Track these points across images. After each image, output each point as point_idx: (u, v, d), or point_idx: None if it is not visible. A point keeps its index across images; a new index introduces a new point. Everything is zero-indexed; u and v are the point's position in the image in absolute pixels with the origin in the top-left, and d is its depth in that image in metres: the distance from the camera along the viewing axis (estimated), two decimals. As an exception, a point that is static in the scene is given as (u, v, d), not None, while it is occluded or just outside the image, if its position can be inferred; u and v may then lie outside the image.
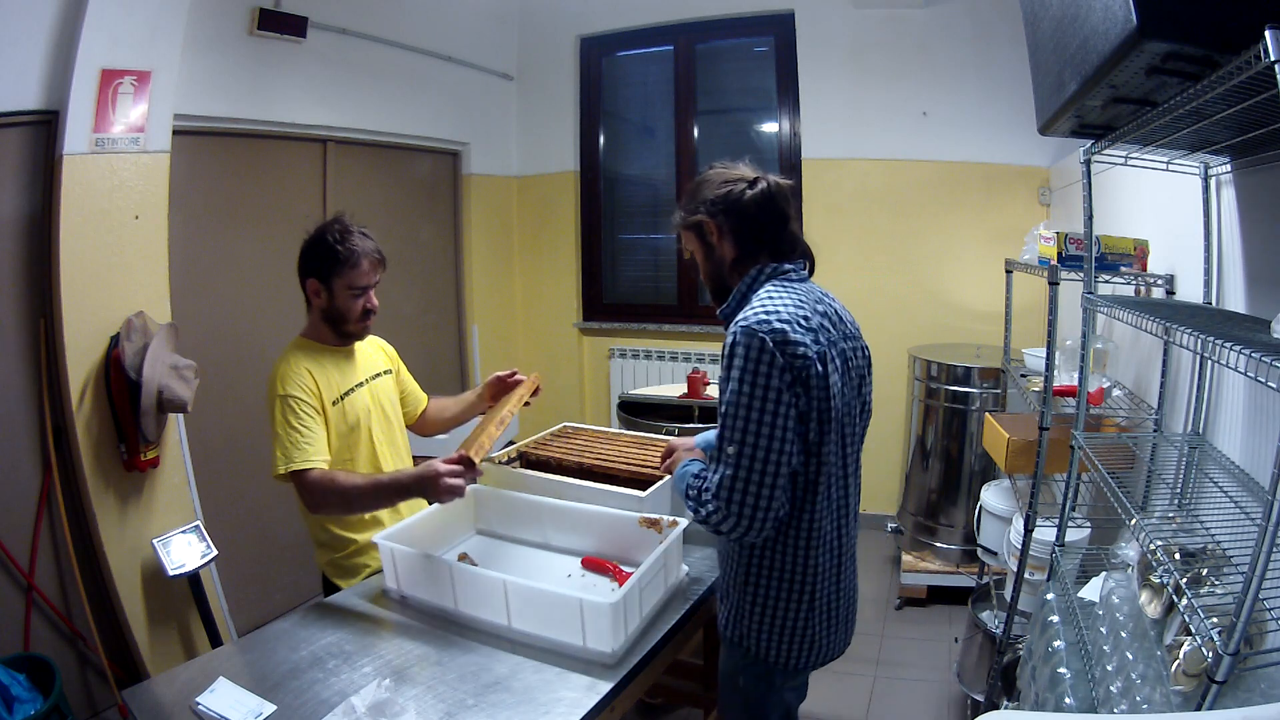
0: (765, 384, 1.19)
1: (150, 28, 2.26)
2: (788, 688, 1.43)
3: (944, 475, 3.16)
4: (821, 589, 1.35)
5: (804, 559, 1.32)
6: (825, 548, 1.34)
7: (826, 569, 1.35)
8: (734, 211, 1.34)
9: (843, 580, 1.40)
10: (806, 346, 1.21)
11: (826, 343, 1.26)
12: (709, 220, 1.36)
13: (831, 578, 1.37)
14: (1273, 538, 0.88)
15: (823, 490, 1.30)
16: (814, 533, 1.31)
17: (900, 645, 2.87)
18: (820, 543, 1.32)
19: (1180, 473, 1.59)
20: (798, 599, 1.34)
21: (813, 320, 1.26)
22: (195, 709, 1.26)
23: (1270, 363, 0.89)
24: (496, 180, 4.34)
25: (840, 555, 1.38)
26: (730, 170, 1.38)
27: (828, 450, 1.28)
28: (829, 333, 1.29)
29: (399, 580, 1.64)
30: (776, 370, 1.19)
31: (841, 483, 1.36)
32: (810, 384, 1.21)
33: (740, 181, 1.34)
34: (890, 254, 3.76)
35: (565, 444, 2.18)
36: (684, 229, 1.41)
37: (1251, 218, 1.52)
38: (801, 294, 1.31)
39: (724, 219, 1.35)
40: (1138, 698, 1.21)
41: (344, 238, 1.74)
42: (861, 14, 3.63)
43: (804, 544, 1.32)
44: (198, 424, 2.59)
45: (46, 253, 2.17)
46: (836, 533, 1.36)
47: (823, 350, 1.24)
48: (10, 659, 1.99)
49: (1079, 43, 1.26)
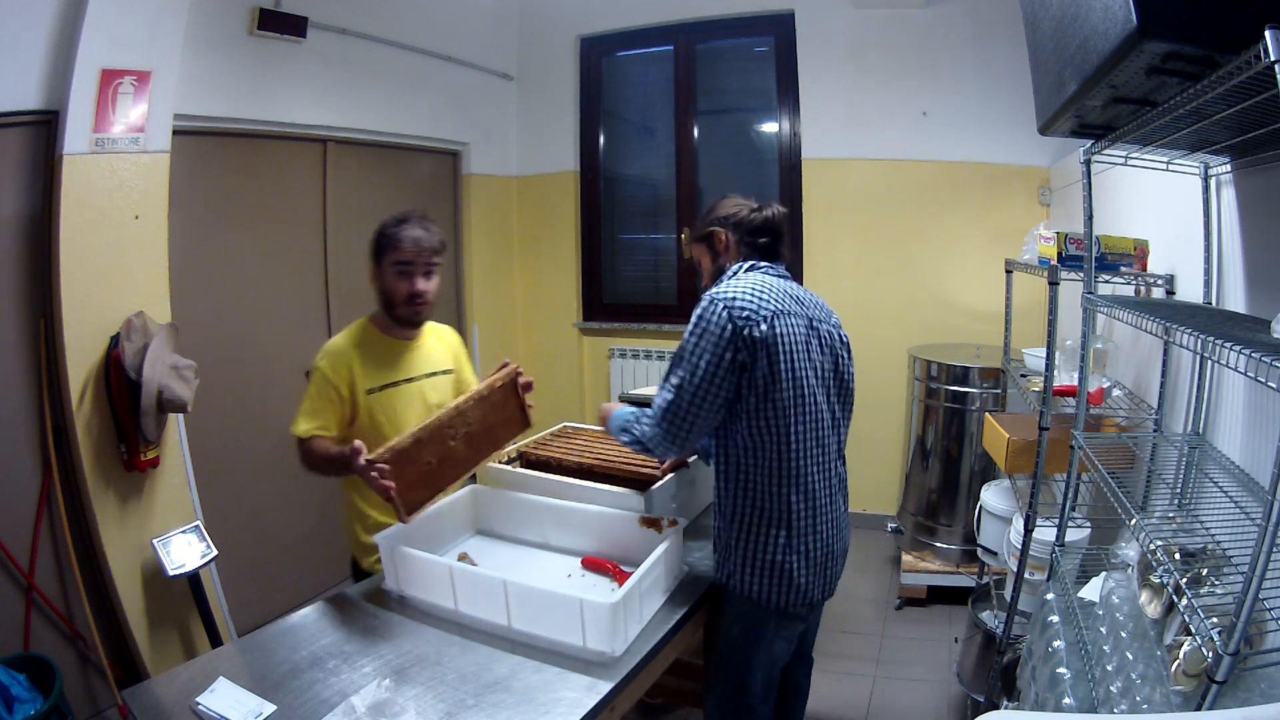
0: (713, 335, 1.48)
1: (150, 28, 2.26)
2: (778, 636, 1.63)
3: (944, 475, 3.16)
4: (797, 527, 1.54)
5: (780, 496, 1.54)
6: (802, 491, 1.54)
7: (803, 511, 1.55)
8: (741, 227, 1.67)
9: (820, 526, 1.57)
10: (754, 311, 1.49)
11: (782, 310, 1.52)
12: (720, 230, 1.69)
13: (808, 520, 1.56)
14: (1273, 538, 0.88)
15: (797, 436, 1.52)
16: (791, 474, 1.53)
17: (900, 645, 2.87)
18: (797, 485, 1.54)
19: (1180, 473, 1.59)
20: (774, 534, 1.55)
21: (769, 294, 1.53)
22: (195, 709, 1.26)
23: (1270, 363, 0.89)
24: (496, 180, 4.34)
25: (817, 502, 1.56)
26: (740, 199, 1.73)
27: (795, 396, 1.51)
28: (791, 305, 1.55)
29: (399, 580, 1.64)
30: (720, 325, 1.48)
31: (821, 437, 1.56)
32: (755, 338, 1.47)
33: (747, 207, 1.69)
34: (890, 254, 3.75)
35: (565, 444, 2.18)
36: (696, 241, 1.74)
37: (1251, 218, 1.52)
38: (768, 280, 1.58)
39: (732, 231, 1.68)
40: (1138, 698, 1.21)
41: (398, 222, 1.85)
42: (861, 14, 3.63)
43: (780, 483, 1.53)
44: (198, 424, 2.59)
45: (46, 253, 2.17)
46: (820, 480, 1.57)
47: (772, 312, 1.50)
48: (10, 659, 1.99)
49: (1079, 43, 1.26)
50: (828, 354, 1.61)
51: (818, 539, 1.58)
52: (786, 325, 1.51)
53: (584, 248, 4.40)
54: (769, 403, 1.50)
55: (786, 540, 1.55)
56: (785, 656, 1.69)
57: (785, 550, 1.55)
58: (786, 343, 1.50)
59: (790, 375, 1.50)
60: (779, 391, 1.50)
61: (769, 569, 1.56)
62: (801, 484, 1.54)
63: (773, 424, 1.52)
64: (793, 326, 1.53)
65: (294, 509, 3.21)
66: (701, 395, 1.50)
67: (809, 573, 1.57)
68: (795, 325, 1.53)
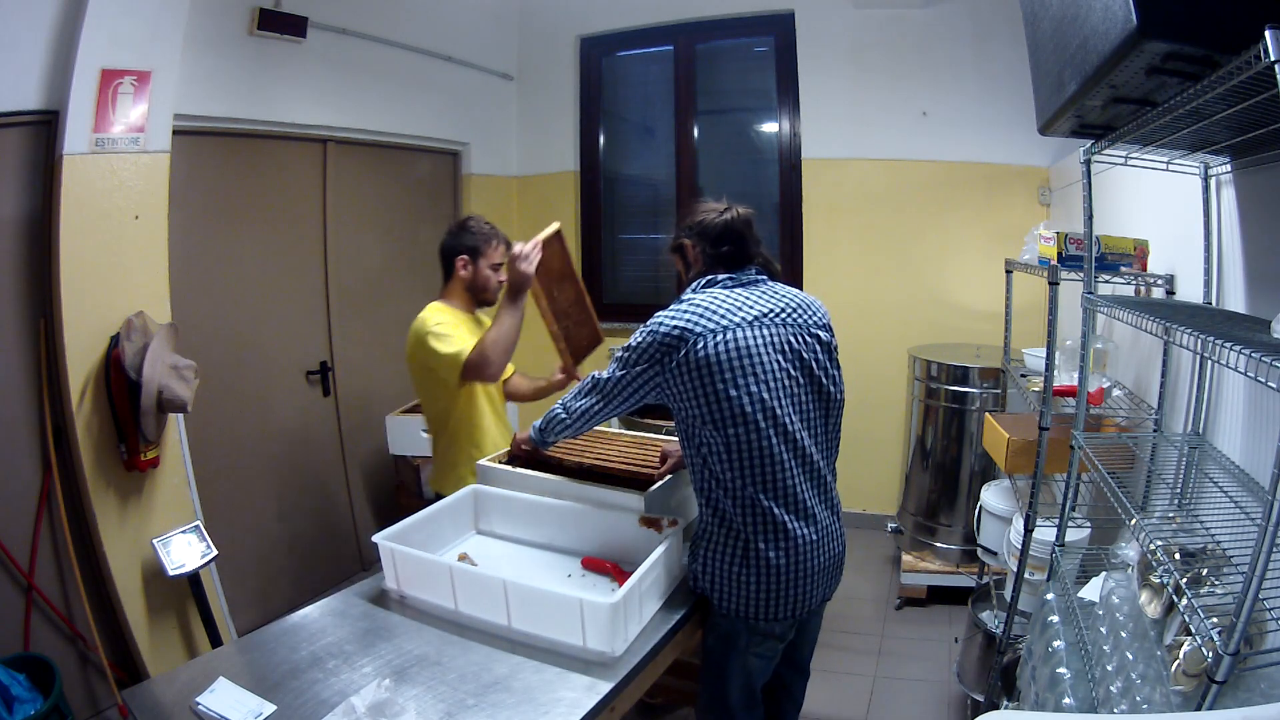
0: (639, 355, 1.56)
1: (150, 28, 2.26)
2: (751, 651, 1.59)
3: (944, 475, 3.16)
4: (754, 546, 1.51)
5: (735, 515, 1.52)
6: (756, 511, 1.51)
7: (760, 531, 1.51)
8: (705, 235, 1.66)
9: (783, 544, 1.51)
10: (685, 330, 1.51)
11: (724, 326, 1.51)
12: (687, 241, 1.69)
13: (768, 540, 1.51)
14: (1273, 538, 0.88)
15: (748, 455, 1.49)
16: (744, 492, 1.51)
17: (900, 645, 2.87)
18: (750, 504, 1.51)
19: (1180, 473, 1.59)
20: (731, 551, 1.54)
21: (710, 313, 1.53)
22: (195, 709, 1.26)
23: (1270, 363, 0.89)
24: (496, 180, 4.34)
25: (783, 523, 1.51)
26: (711, 203, 1.71)
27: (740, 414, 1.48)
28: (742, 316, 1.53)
29: (399, 580, 1.64)
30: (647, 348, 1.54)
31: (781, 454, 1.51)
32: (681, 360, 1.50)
33: (714, 211, 1.67)
34: (890, 254, 3.75)
35: (565, 444, 2.18)
36: (672, 251, 1.76)
37: (1251, 218, 1.52)
38: (717, 297, 1.57)
39: (697, 241, 1.68)
40: (1138, 698, 1.21)
41: (489, 226, 2.26)
42: (861, 14, 3.63)
43: (734, 502, 1.52)
44: (198, 424, 2.59)
45: (46, 253, 2.17)
46: (782, 498, 1.51)
47: (709, 328, 1.50)
48: (10, 659, 1.99)
49: (1079, 43, 1.26)
50: (795, 361, 1.55)
51: (784, 557, 1.51)
52: (727, 342, 1.49)
53: (584, 248, 4.40)
54: (703, 421, 1.50)
55: (744, 554, 1.52)
56: (763, 673, 1.65)
57: (743, 564, 1.53)
58: (712, 363, 1.48)
59: (721, 393, 1.48)
60: (711, 411, 1.49)
61: (730, 581, 1.54)
62: (756, 503, 1.50)
63: (712, 441, 1.51)
64: (739, 340, 1.50)
65: (294, 509, 3.21)
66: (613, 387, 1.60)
67: (774, 589, 1.52)
68: (743, 338, 1.50)
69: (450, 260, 2.23)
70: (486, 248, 2.21)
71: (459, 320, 2.17)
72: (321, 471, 3.37)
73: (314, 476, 3.34)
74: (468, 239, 2.21)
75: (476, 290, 2.24)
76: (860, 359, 3.15)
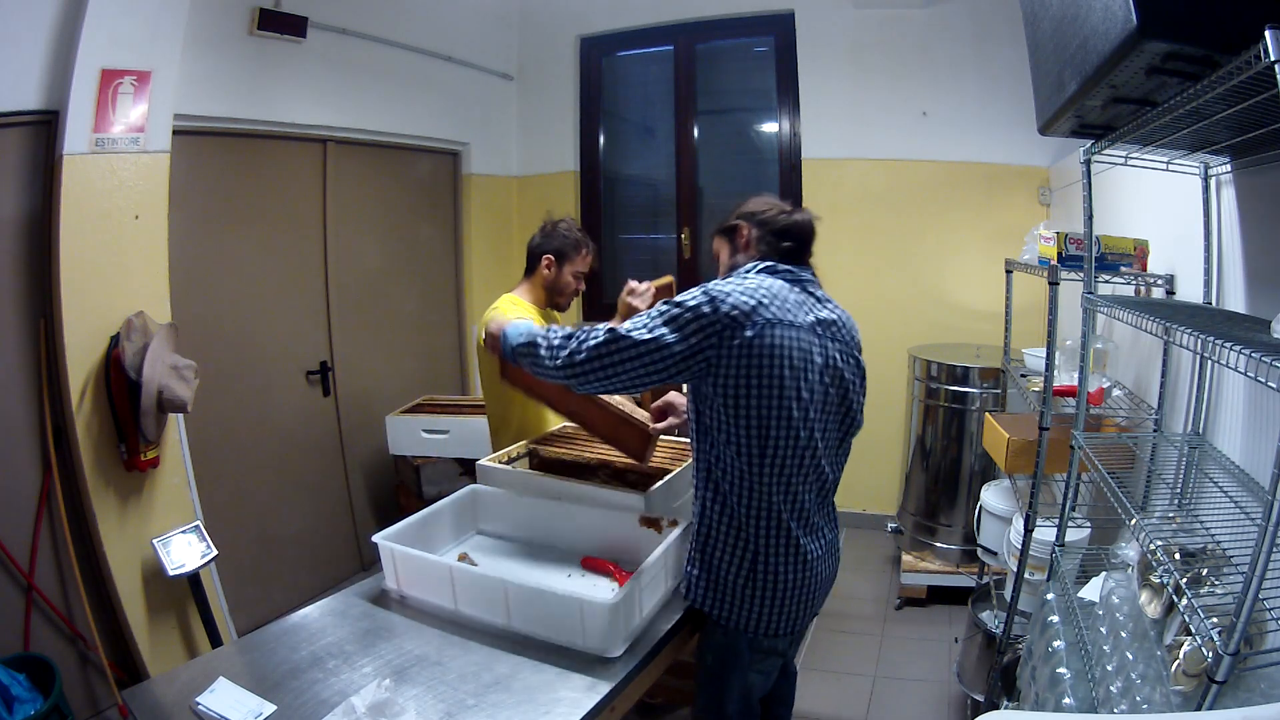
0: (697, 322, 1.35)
1: (150, 28, 2.26)
2: (753, 668, 1.52)
3: (944, 475, 3.16)
4: (764, 560, 1.43)
5: (746, 525, 1.43)
6: (771, 522, 1.42)
7: (774, 544, 1.43)
8: (766, 226, 1.56)
9: (793, 560, 1.44)
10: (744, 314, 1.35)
11: (781, 320, 1.37)
12: (744, 225, 1.57)
13: (780, 554, 1.43)
14: (1273, 538, 0.88)
15: (776, 461, 1.38)
16: (760, 503, 1.41)
17: (900, 645, 2.87)
18: (766, 515, 1.41)
19: (1180, 473, 1.59)
20: (738, 564, 1.45)
21: (771, 300, 1.38)
22: (195, 709, 1.26)
23: (1270, 363, 0.89)
24: (496, 180, 4.34)
25: (795, 537, 1.43)
26: (774, 200, 1.64)
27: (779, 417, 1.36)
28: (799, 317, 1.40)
29: (399, 580, 1.64)
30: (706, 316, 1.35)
31: (806, 468, 1.41)
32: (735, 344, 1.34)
33: (777, 208, 1.59)
34: (890, 254, 3.75)
35: (566, 444, 2.18)
36: (719, 234, 1.64)
37: (1251, 218, 1.52)
38: (775, 285, 1.43)
39: (756, 228, 1.57)
40: (1138, 698, 1.21)
41: (581, 233, 2.29)
42: (861, 14, 3.63)
43: (748, 511, 1.42)
44: (198, 424, 2.59)
45: (46, 253, 2.17)
46: (796, 513, 1.43)
47: (766, 320, 1.35)
48: (10, 659, 1.99)
49: (1079, 43, 1.26)
50: (836, 379, 1.45)
51: (791, 572, 1.44)
52: (782, 337, 1.36)
53: (584, 248, 4.41)
54: (745, 417, 1.37)
55: (751, 567, 1.44)
56: (763, 688, 1.59)
57: (749, 578, 1.44)
58: (777, 356, 1.35)
59: (775, 393, 1.35)
60: (757, 408, 1.36)
61: (731, 595, 1.46)
62: (777, 509, 1.42)
63: (746, 442, 1.38)
64: (791, 340, 1.37)
65: (294, 509, 3.21)
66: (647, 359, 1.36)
67: (778, 606, 1.45)
68: (795, 339, 1.37)
69: (537, 258, 2.27)
70: (574, 254, 2.26)
71: (530, 315, 2.18)
72: (321, 471, 3.37)
73: (314, 476, 3.33)
74: (558, 242, 2.25)
75: (554, 292, 2.29)
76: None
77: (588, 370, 1.41)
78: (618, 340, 1.38)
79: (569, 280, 2.27)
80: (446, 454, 3.29)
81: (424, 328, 3.98)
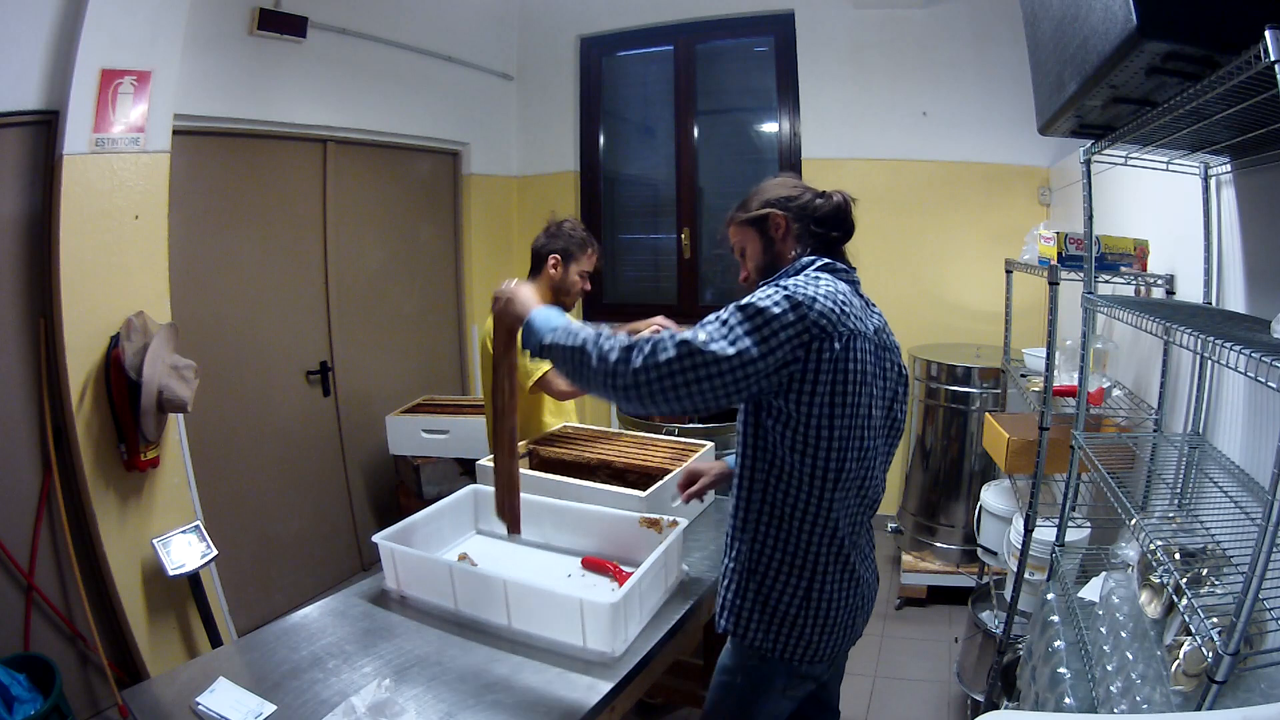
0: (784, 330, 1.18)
1: (150, 28, 2.26)
2: (787, 694, 1.41)
3: (944, 475, 3.16)
4: (820, 583, 1.32)
5: (808, 548, 1.31)
6: (832, 544, 1.31)
7: (831, 566, 1.32)
8: (805, 212, 1.37)
9: (847, 581, 1.35)
10: (833, 323, 1.20)
11: (860, 332, 1.25)
12: (777, 213, 1.37)
13: (835, 576, 1.33)
14: (1273, 538, 0.88)
15: (845, 478, 1.27)
16: (824, 525, 1.30)
17: (900, 645, 2.87)
18: (828, 537, 1.31)
19: (1180, 473, 1.59)
20: (793, 588, 1.32)
21: (851, 309, 1.26)
22: (195, 709, 1.26)
23: (1270, 363, 0.89)
24: (496, 180, 4.34)
25: (849, 558, 1.34)
26: (796, 180, 1.43)
27: (854, 433, 1.25)
28: (869, 327, 1.29)
29: (399, 580, 1.64)
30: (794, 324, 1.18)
31: (860, 484, 1.32)
32: (824, 358, 1.20)
33: (808, 192, 1.39)
34: (890, 254, 3.75)
35: (566, 444, 2.18)
36: (742, 224, 1.41)
37: (1251, 218, 1.52)
38: (845, 290, 1.29)
39: (794, 218, 1.37)
40: (1138, 698, 1.21)
41: (585, 233, 2.30)
42: (861, 14, 3.63)
43: (810, 534, 1.30)
44: (198, 424, 2.59)
45: (46, 253, 2.17)
46: (851, 533, 1.34)
47: (851, 331, 1.22)
48: (10, 659, 1.99)
49: (1079, 43, 1.26)
50: (892, 394, 1.37)
51: (844, 593, 1.35)
52: (862, 351, 1.25)
53: (584, 248, 4.41)
54: (826, 438, 1.24)
55: (806, 591, 1.32)
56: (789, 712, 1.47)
57: (804, 603, 1.33)
58: (858, 370, 1.24)
59: (855, 408, 1.25)
60: (840, 428, 1.24)
61: (782, 621, 1.33)
62: (838, 530, 1.31)
63: (824, 462, 1.26)
64: (868, 353, 1.26)
65: (294, 509, 3.21)
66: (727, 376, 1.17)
67: (828, 629, 1.35)
68: (870, 352, 1.27)
69: (542, 258, 2.28)
70: (580, 254, 2.27)
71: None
72: (321, 471, 3.37)
73: (314, 476, 3.33)
74: (564, 242, 2.27)
75: (560, 292, 2.29)
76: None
77: (655, 389, 1.19)
78: (695, 355, 1.18)
79: (575, 280, 2.28)
80: (446, 454, 3.29)
81: (424, 328, 3.98)
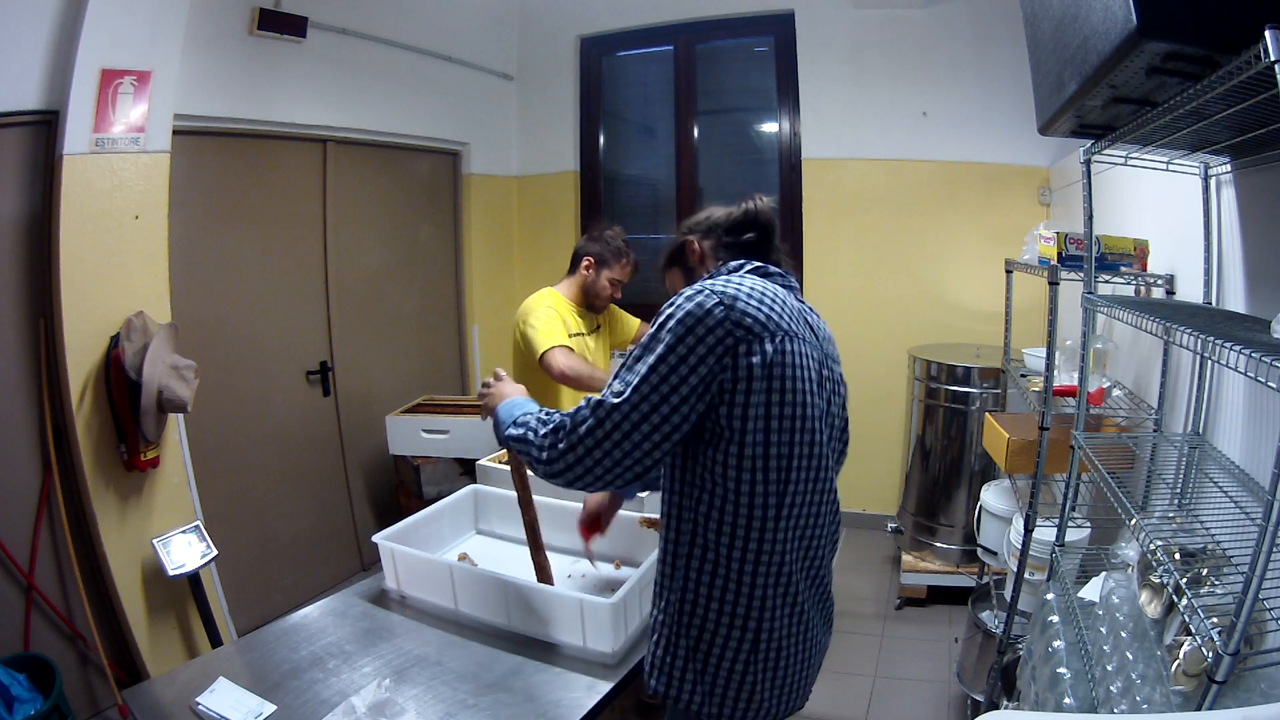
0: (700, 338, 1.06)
1: (150, 28, 2.26)
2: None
3: (944, 475, 3.16)
4: (767, 632, 1.14)
5: (750, 592, 1.13)
6: (778, 583, 1.14)
7: (780, 610, 1.15)
8: (717, 228, 1.31)
9: (796, 627, 1.18)
10: (759, 322, 1.08)
11: (793, 333, 1.12)
12: (691, 239, 1.32)
13: (784, 622, 1.15)
14: (1273, 538, 0.88)
15: (790, 503, 1.12)
16: (769, 561, 1.13)
17: (900, 645, 2.87)
18: (773, 576, 1.13)
19: (1180, 473, 1.59)
20: (736, 640, 1.14)
21: (777, 306, 1.13)
22: (195, 709, 1.26)
23: (1270, 363, 0.89)
24: (496, 180, 4.34)
25: (798, 595, 1.17)
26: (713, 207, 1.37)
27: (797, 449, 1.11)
28: (803, 328, 1.17)
29: (399, 580, 1.64)
30: (713, 325, 1.06)
31: (816, 506, 1.17)
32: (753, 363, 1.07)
33: (720, 209, 1.33)
34: (890, 254, 3.75)
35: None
36: (666, 268, 1.38)
37: (1251, 218, 1.52)
38: (772, 288, 1.17)
39: (704, 237, 1.31)
40: (1138, 698, 1.21)
41: (625, 244, 2.42)
42: (861, 14, 3.63)
43: (754, 574, 1.12)
44: (198, 424, 2.59)
45: (46, 253, 2.17)
46: (806, 567, 1.19)
47: (782, 331, 1.10)
48: (10, 659, 1.99)
49: (1079, 43, 1.26)
50: (828, 397, 1.21)
51: (795, 644, 1.18)
52: (800, 354, 1.12)
53: (584, 248, 4.41)
54: (763, 456, 1.09)
55: (754, 643, 1.14)
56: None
57: (750, 655, 1.14)
58: (794, 374, 1.10)
59: (797, 420, 1.10)
60: (779, 444, 1.10)
61: (727, 679, 1.15)
62: (784, 565, 1.14)
63: (764, 485, 1.10)
64: (804, 355, 1.13)
65: (294, 509, 3.21)
66: (660, 415, 1.06)
67: (780, 685, 1.18)
68: (807, 353, 1.13)
69: (579, 258, 2.41)
70: (614, 261, 2.38)
71: (565, 309, 2.36)
72: (321, 471, 3.37)
73: (314, 476, 3.34)
74: (601, 247, 2.38)
75: (590, 294, 2.42)
76: (860, 359, 3.15)
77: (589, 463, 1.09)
78: (614, 411, 1.07)
79: (605, 285, 2.38)
80: (446, 454, 3.30)
81: (424, 328, 3.98)
